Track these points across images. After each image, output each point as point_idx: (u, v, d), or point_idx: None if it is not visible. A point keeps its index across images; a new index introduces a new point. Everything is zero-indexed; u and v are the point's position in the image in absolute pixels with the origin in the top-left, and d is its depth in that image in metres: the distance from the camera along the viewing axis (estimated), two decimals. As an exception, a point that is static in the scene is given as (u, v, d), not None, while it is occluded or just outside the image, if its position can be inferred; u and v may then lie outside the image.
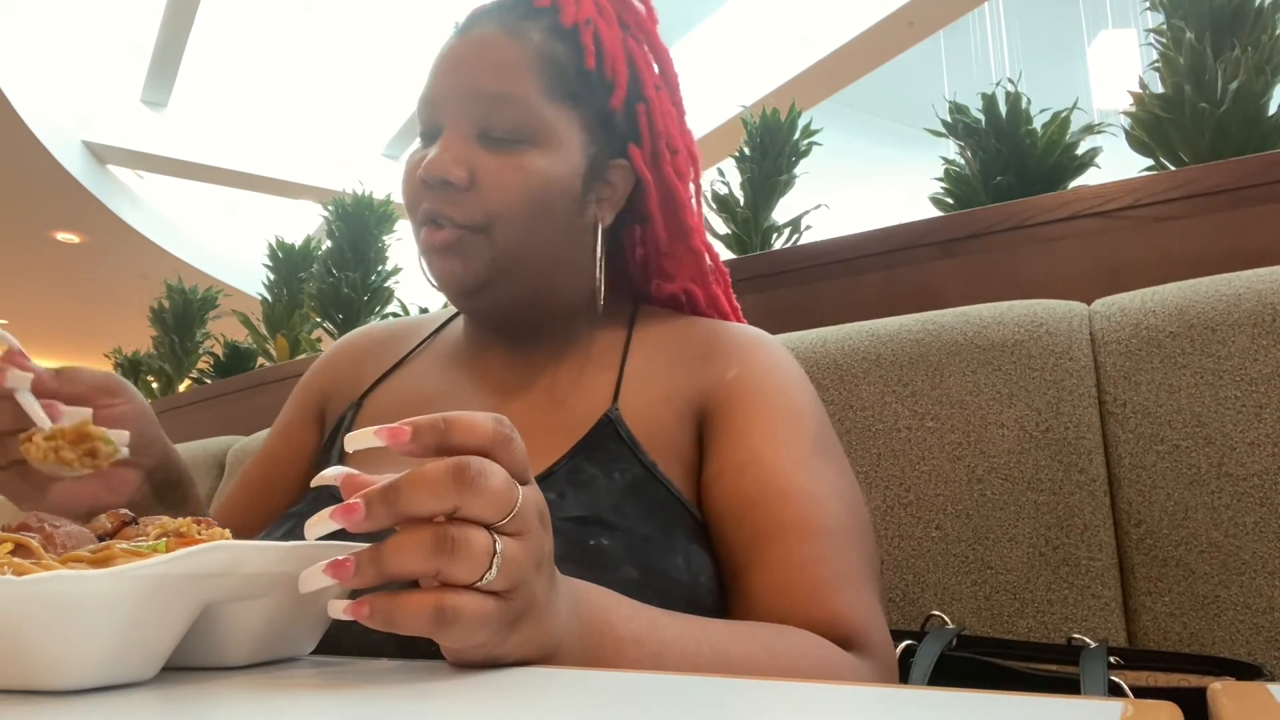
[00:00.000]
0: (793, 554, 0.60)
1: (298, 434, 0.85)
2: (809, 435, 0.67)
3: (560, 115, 0.71)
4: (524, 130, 0.69)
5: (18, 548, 0.41)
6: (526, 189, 0.69)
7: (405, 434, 0.39)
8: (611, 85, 0.74)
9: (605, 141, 0.74)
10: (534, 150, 0.70)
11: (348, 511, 0.38)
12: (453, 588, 0.38)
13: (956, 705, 0.32)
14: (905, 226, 1.23)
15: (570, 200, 0.72)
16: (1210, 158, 1.17)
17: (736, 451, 0.66)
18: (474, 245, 0.69)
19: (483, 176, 0.69)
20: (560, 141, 0.71)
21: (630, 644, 0.48)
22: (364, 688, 0.39)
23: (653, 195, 0.77)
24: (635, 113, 0.76)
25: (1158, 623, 0.80)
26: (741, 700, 0.36)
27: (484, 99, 0.69)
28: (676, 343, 0.75)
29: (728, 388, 0.70)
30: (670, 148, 0.78)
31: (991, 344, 0.90)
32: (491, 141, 0.70)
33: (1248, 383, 0.79)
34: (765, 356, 0.73)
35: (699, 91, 6.33)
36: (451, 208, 0.69)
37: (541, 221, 0.70)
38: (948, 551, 0.88)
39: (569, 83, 0.71)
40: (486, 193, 0.69)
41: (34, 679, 0.38)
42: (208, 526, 0.46)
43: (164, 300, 2.88)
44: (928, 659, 0.71)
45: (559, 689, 0.39)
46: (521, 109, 0.69)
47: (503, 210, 0.69)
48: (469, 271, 0.70)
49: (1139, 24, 4.56)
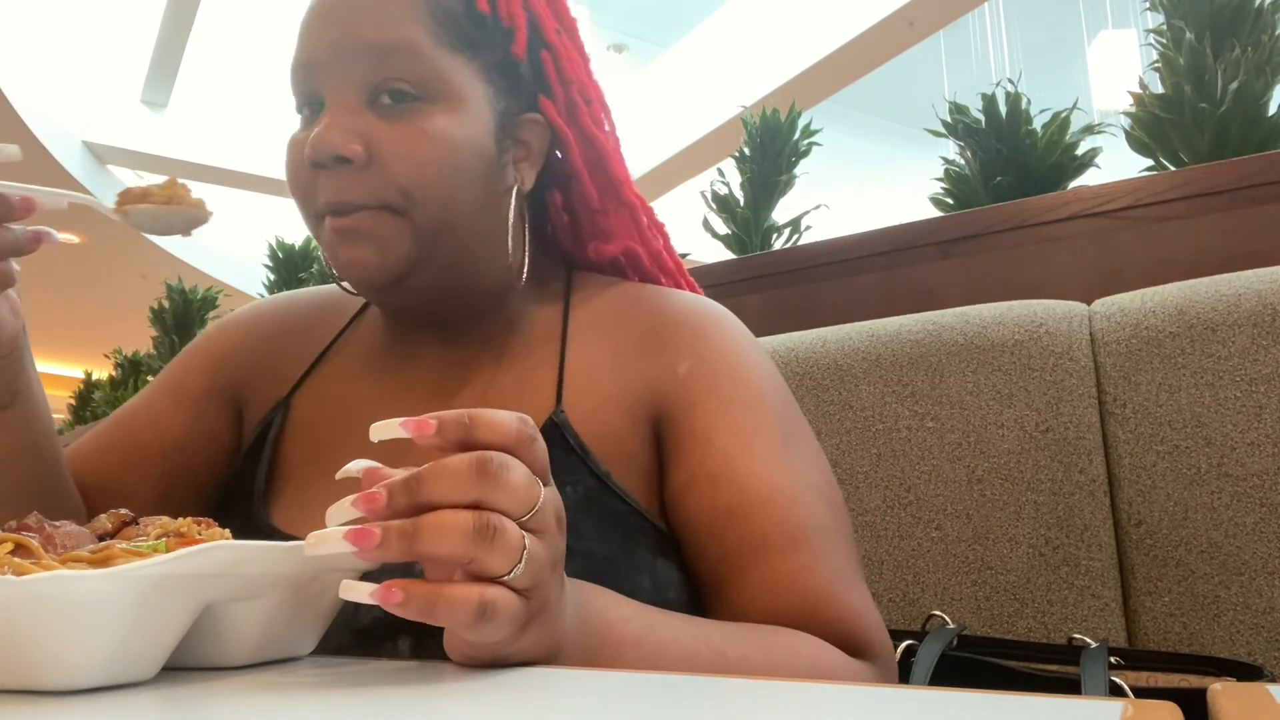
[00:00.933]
0: (781, 566, 0.57)
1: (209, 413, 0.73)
2: (776, 427, 0.63)
3: (458, 66, 0.62)
4: (420, 86, 0.61)
5: (18, 548, 0.41)
6: (436, 155, 0.61)
7: (430, 427, 0.39)
8: (510, 31, 0.65)
9: (512, 94, 0.66)
10: (435, 109, 0.61)
11: (370, 499, 0.38)
12: (491, 583, 0.38)
13: (957, 705, 0.32)
14: (905, 227, 1.23)
15: (486, 162, 0.64)
16: (1210, 158, 1.17)
17: (706, 461, 0.61)
18: (389, 227, 0.61)
19: (382, 147, 0.60)
20: (463, 96, 0.62)
21: (629, 646, 0.48)
22: (364, 688, 0.39)
23: (574, 150, 0.69)
24: (540, 61, 0.68)
25: (1158, 623, 0.80)
26: (742, 700, 0.36)
27: (368, 54, 0.60)
28: (618, 327, 0.68)
29: (682, 385, 0.64)
30: (584, 96, 0.70)
31: (991, 344, 0.90)
32: (384, 106, 0.61)
33: (1248, 383, 0.79)
34: (717, 340, 0.66)
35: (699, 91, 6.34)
36: (353, 188, 0.60)
37: (459, 190, 0.62)
38: (948, 551, 0.88)
39: (463, 29, 0.63)
40: (390, 165, 0.60)
41: (34, 679, 0.38)
42: (208, 526, 0.46)
43: (164, 300, 2.88)
44: (928, 659, 0.71)
45: (561, 689, 0.39)
46: (413, 61, 0.60)
47: (414, 182, 0.60)
48: (388, 259, 0.61)
49: (1139, 24, 4.56)
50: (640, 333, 0.67)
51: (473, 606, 0.37)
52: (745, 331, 0.69)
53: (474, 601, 0.37)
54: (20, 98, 5.99)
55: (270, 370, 0.74)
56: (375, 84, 0.61)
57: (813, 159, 1.66)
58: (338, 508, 0.39)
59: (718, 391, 0.63)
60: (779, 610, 0.57)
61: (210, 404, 0.74)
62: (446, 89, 0.62)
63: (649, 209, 0.75)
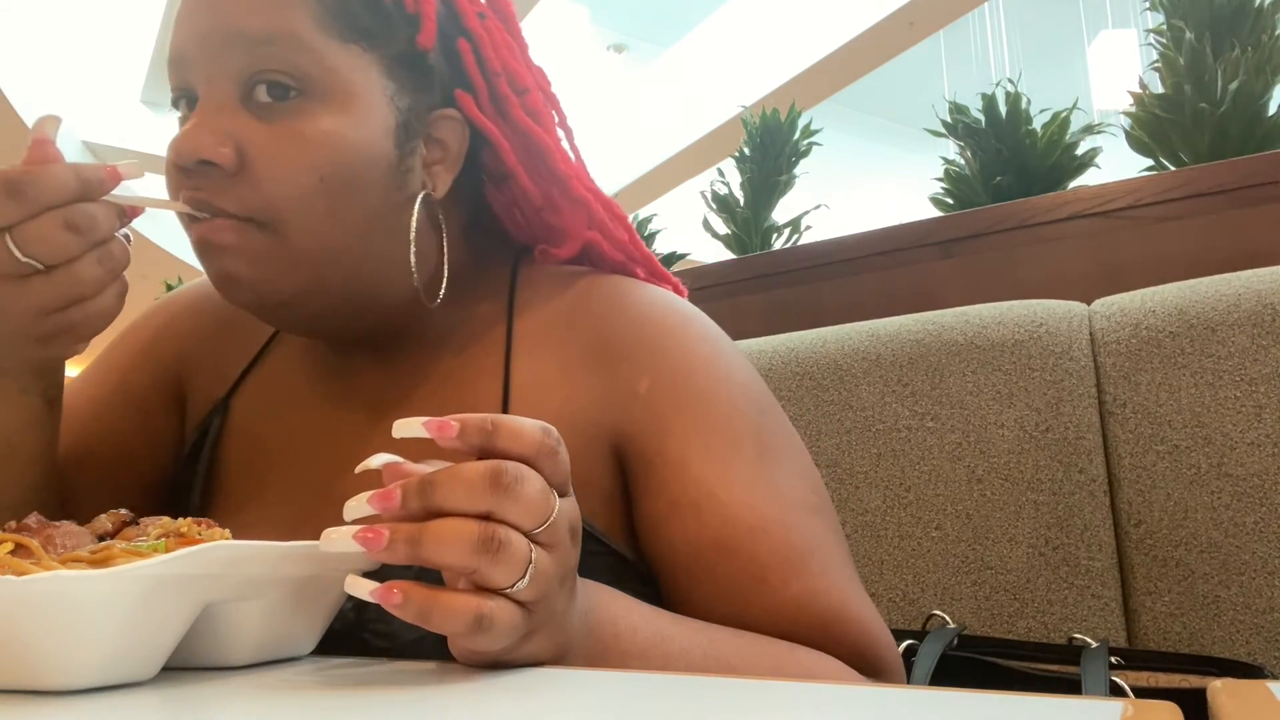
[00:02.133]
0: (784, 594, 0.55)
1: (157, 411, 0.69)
2: (752, 442, 0.58)
3: (349, 57, 0.55)
4: (301, 80, 0.54)
5: (18, 548, 0.41)
6: (315, 162, 0.54)
7: (452, 430, 0.38)
8: (415, 19, 0.58)
9: (420, 89, 0.59)
10: (318, 107, 0.54)
11: (385, 498, 0.38)
12: (490, 593, 0.38)
13: (957, 705, 0.32)
14: (905, 227, 1.23)
15: (383, 169, 0.56)
16: (1210, 158, 1.17)
17: (685, 489, 0.56)
18: (258, 245, 0.54)
19: (254, 153, 0.54)
20: (353, 92, 0.55)
21: (635, 657, 0.48)
22: (364, 688, 0.39)
23: (504, 146, 0.62)
24: (457, 52, 0.60)
25: (1158, 623, 0.80)
26: (743, 700, 0.36)
27: (242, 44, 0.54)
28: (567, 333, 0.61)
29: (644, 406, 0.58)
30: (515, 87, 0.62)
31: (991, 344, 0.90)
32: (261, 104, 0.54)
33: (1247, 383, 0.79)
34: (677, 351, 0.60)
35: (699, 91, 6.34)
36: (219, 195, 0.54)
37: (345, 203, 0.55)
38: (948, 551, 0.88)
39: (356, 17, 0.56)
40: (262, 173, 0.53)
41: (34, 679, 0.38)
42: (208, 526, 0.46)
43: (164, 300, 2.88)
44: (929, 659, 0.71)
45: (563, 690, 0.39)
46: (293, 51, 0.54)
47: (287, 195, 0.54)
48: (260, 280, 0.55)
49: (1139, 24, 4.57)
50: (591, 341, 0.61)
51: (468, 618, 0.37)
52: (709, 332, 0.63)
53: (470, 613, 0.37)
54: (20, 98, 5.99)
55: (211, 366, 0.70)
56: (249, 77, 0.54)
57: (813, 159, 1.66)
58: (355, 502, 0.38)
59: (685, 411, 0.58)
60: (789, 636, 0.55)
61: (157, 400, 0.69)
62: (333, 83, 0.55)
63: (609, 202, 0.67)
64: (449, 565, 0.37)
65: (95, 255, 0.51)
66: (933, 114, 1.50)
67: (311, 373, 0.67)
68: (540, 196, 0.64)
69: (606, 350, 0.60)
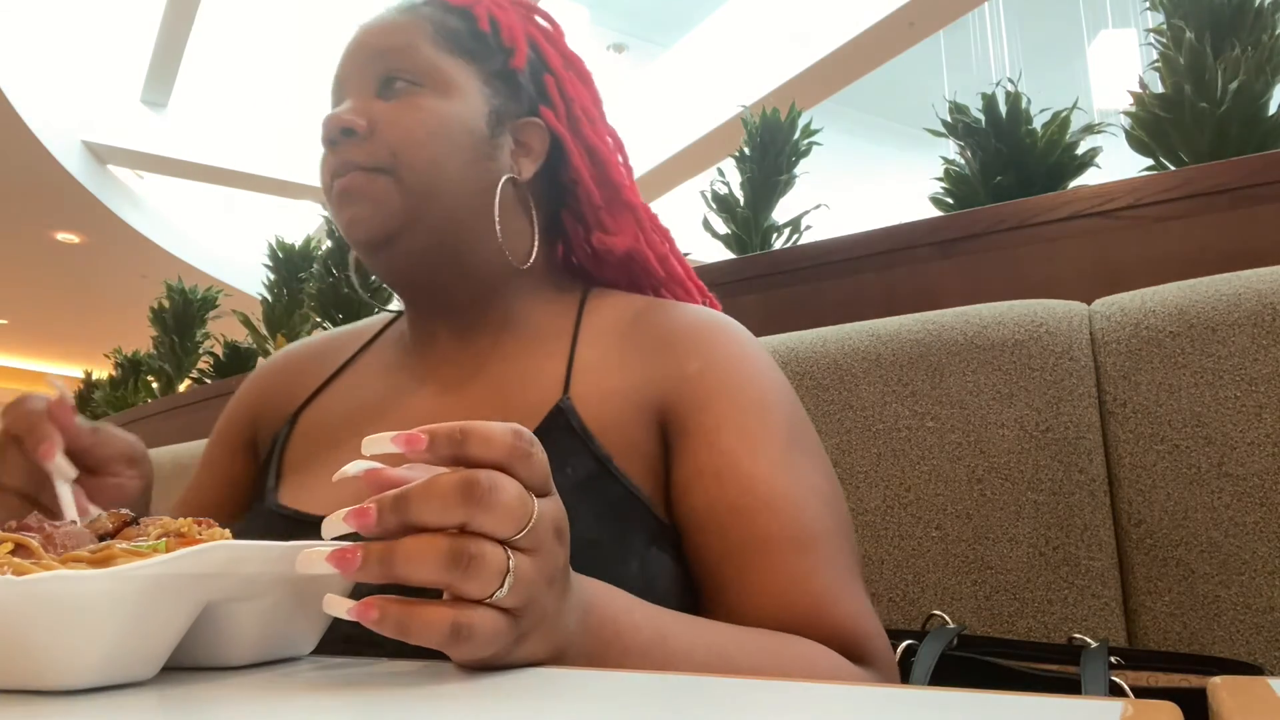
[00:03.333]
0: (784, 569, 0.58)
1: (225, 465, 0.83)
2: (783, 431, 0.64)
3: (455, 66, 0.72)
4: (418, 76, 0.71)
5: (18, 548, 0.41)
6: (424, 125, 0.69)
7: (421, 442, 0.39)
8: (510, 49, 0.75)
9: (510, 96, 0.75)
10: (429, 93, 0.71)
11: (360, 515, 0.38)
12: (467, 603, 0.38)
13: (957, 705, 0.32)
14: (905, 226, 1.23)
15: (475, 138, 0.71)
16: (1210, 158, 1.17)
17: (711, 456, 0.62)
18: (380, 188, 0.69)
19: (381, 122, 0.70)
20: (457, 87, 0.72)
21: (635, 655, 0.48)
22: (364, 688, 0.39)
23: (575, 151, 0.76)
24: (543, 82, 0.77)
25: (1158, 622, 0.80)
26: (742, 700, 0.36)
27: (378, 55, 0.72)
28: (629, 328, 0.71)
29: (691, 383, 0.66)
30: (587, 115, 0.78)
31: (991, 344, 0.90)
32: (389, 92, 0.71)
33: (1248, 382, 0.79)
34: (727, 345, 0.69)
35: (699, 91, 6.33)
36: (355, 152, 0.69)
37: (446, 156, 0.70)
38: (948, 551, 0.88)
39: (463, 42, 0.73)
40: (386, 133, 0.69)
41: (34, 679, 0.38)
42: (208, 526, 0.46)
43: (164, 300, 2.88)
44: (928, 659, 0.71)
45: (563, 690, 0.39)
46: (413, 58, 0.71)
47: (404, 146, 0.69)
48: (379, 214, 0.69)
49: (1139, 24, 4.56)
50: (651, 337, 0.70)
51: (444, 629, 0.37)
52: (756, 343, 0.72)
53: (446, 624, 0.37)
54: (20, 98, 5.99)
55: (280, 401, 0.81)
56: (381, 76, 0.71)
57: (813, 159, 1.66)
58: (331, 521, 0.39)
59: (726, 393, 0.65)
60: (781, 611, 0.58)
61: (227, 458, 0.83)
62: (441, 79, 0.71)
63: (652, 214, 0.80)
64: (422, 582, 0.38)
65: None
66: (933, 114, 1.49)
67: (385, 375, 0.78)
68: (600, 196, 0.77)
69: (663, 341, 0.69)
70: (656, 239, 0.79)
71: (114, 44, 7.15)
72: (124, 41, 7.08)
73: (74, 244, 7.73)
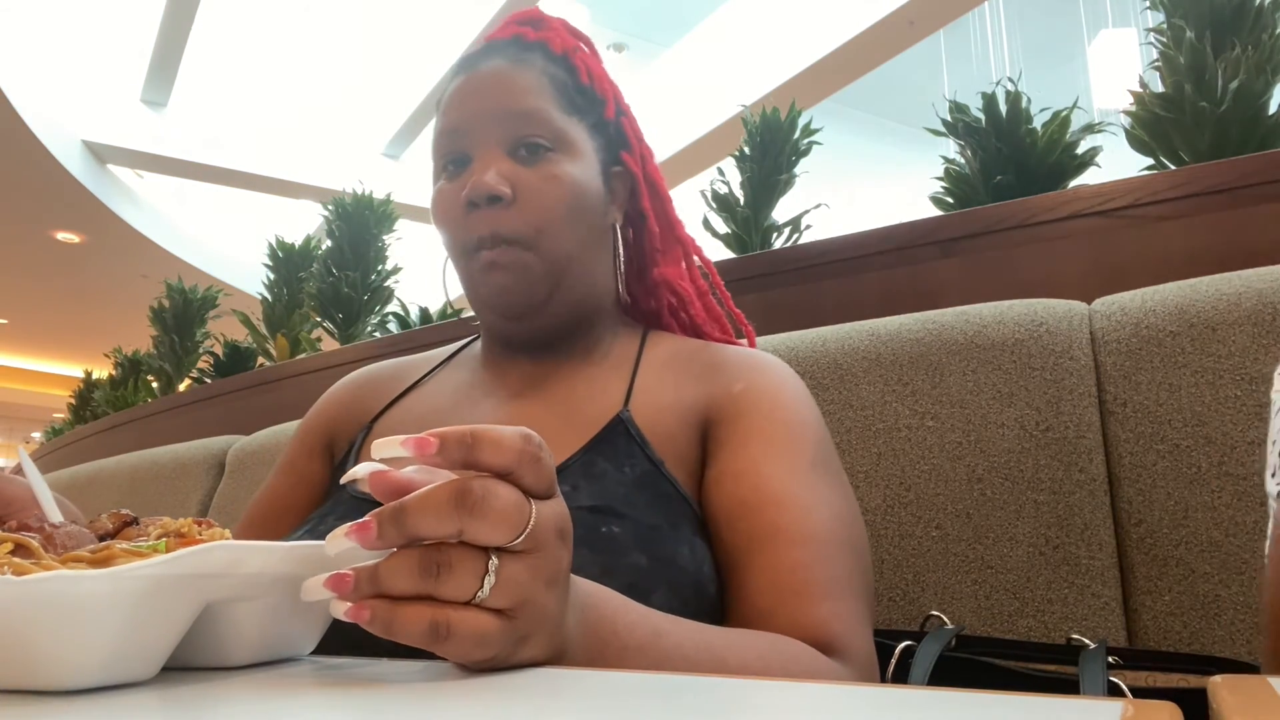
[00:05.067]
0: (782, 558, 0.63)
1: (303, 466, 0.87)
2: (807, 450, 0.70)
3: (573, 124, 0.77)
4: (551, 139, 0.75)
5: (18, 548, 0.41)
6: (563, 195, 0.74)
7: (432, 446, 0.39)
8: (603, 100, 0.81)
9: (607, 147, 0.81)
10: (562, 158, 0.75)
11: (361, 530, 0.40)
12: (448, 604, 0.39)
13: (956, 705, 0.32)
14: (905, 226, 1.23)
15: (597, 201, 0.78)
16: (1210, 157, 1.17)
17: (736, 459, 0.69)
18: (524, 261, 0.73)
19: (523, 189, 0.73)
20: (580, 149, 0.77)
21: (633, 652, 0.49)
22: (364, 688, 0.39)
23: (645, 194, 0.83)
24: (621, 124, 0.84)
25: (1158, 622, 0.80)
26: (746, 700, 0.36)
27: (511, 118, 0.74)
28: (685, 360, 0.79)
29: (733, 401, 0.73)
30: (645, 149, 0.85)
31: (991, 343, 0.90)
32: (523, 157, 0.75)
33: (1248, 382, 0.79)
34: (770, 375, 0.76)
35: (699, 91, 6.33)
36: (502, 224, 0.73)
37: (577, 227, 0.75)
38: (948, 551, 0.88)
39: (573, 98, 0.78)
40: (528, 203, 0.73)
41: (34, 679, 0.38)
42: (208, 526, 0.46)
43: (164, 300, 2.88)
44: (927, 659, 0.71)
45: (563, 690, 0.39)
46: (545, 121, 0.75)
47: (547, 220, 0.73)
48: (523, 287, 0.74)
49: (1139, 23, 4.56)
50: (704, 366, 0.77)
51: (423, 627, 0.39)
52: (798, 380, 0.78)
53: (424, 622, 0.39)
54: (20, 98, 5.99)
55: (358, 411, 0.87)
56: (515, 140, 0.75)
57: (813, 158, 1.65)
58: (334, 536, 0.40)
59: (761, 410, 0.72)
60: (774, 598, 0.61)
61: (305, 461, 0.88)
62: (568, 141, 0.76)
63: (698, 248, 0.87)
64: (402, 592, 0.39)
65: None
66: (933, 113, 1.49)
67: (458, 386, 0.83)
68: (659, 236, 0.85)
69: (714, 369, 0.76)
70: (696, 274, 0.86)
71: (114, 44, 7.14)
72: (124, 41, 7.08)
73: (74, 244, 7.73)
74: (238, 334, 2.64)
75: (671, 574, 0.62)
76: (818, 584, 0.62)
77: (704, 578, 0.64)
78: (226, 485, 1.59)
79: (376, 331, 2.32)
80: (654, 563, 0.62)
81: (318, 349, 2.36)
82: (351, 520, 0.41)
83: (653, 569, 0.61)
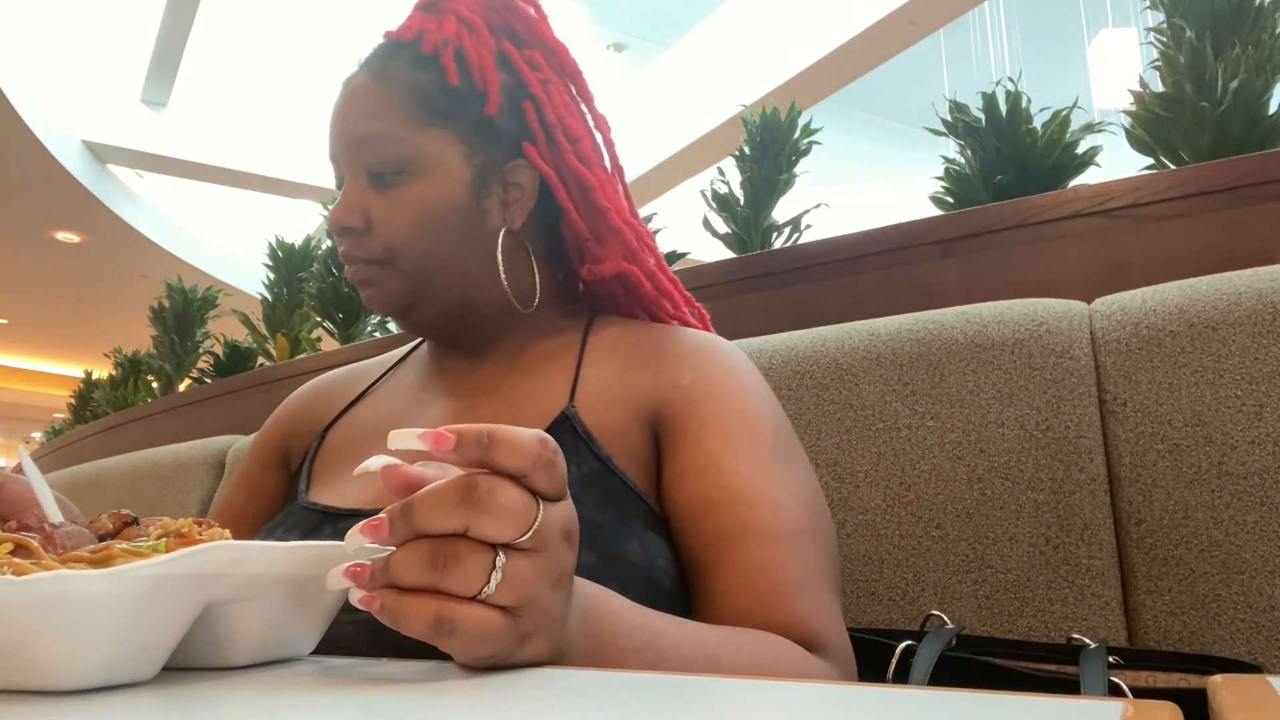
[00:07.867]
0: (753, 557, 0.63)
1: (258, 479, 0.89)
2: (766, 439, 0.69)
3: (431, 138, 0.75)
4: (399, 163, 0.75)
5: (18, 548, 0.41)
6: (412, 218, 0.75)
7: (449, 441, 0.39)
8: (484, 94, 0.77)
9: (491, 147, 0.77)
10: (414, 179, 0.75)
11: (375, 528, 0.40)
12: (453, 598, 0.39)
13: (956, 705, 0.32)
14: (905, 226, 1.23)
15: (462, 214, 0.76)
16: (1210, 156, 1.17)
17: (695, 456, 0.68)
18: (384, 276, 0.76)
19: (375, 218, 0.76)
20: (437, 163, 0.75)
21: (631, 654, 0.50)
22: (364, 688, 0.39)
23: (559, 187, 0.79)
24: (522, 111, 0.78)
25: (1158, 622, 0.80)
26: (744, 700, 0.36)
27: (360, 146, 0.76)
28: (631, 348, 0.77)
29: (683, 393, 0.72)
30: (569, 136, 0.79)
31: (991, 343, 0.90)
32: (379, 182, 0.76)
33: (1248, 381, 0.79)
34: (720, 362, 0.74)
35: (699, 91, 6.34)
36: (357, 249, 0.76)
37: (437, 242, 0.75)
38: (948, 551, 0.88)
39: (435, 104, 0.76)
40: (381, 230, 0.75)
41: (34, 679, 0.38)
42: (208, 527, 0.46)
43: (164, 300, 2.88)
44: (928, 659, 0.71)
45: (562, 690, 0.39)
46: (391, 144, 0.75)
47: (398, 243, 0.75)
48: (387, 297, 0.77)
49: (1139, 23, 4.56)
50: (650, 354, 0.76)
51: (427, 620, 0.39)
52: (748, 362, 0.77)
53: (428, 615, 0.39)
54: (20, 98, 5.99)
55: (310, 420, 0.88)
56: (367, 166, 0.76)
57: (813, 158, 1.65)
58: (352, 535, 0.41)
59: (715, 401, 0.71)
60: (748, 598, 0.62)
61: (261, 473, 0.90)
62: (421, 161, 0.75)
63: (639, 230, 0.82)
64: (410, 584, 0.40)
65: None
66: (933, 113, 1.49)
67: (408, 391, 0.84)
68: (587, 228, 0.80)
69: (661, 358, 0.75)
70: (644, 256, 0.82)
71: (114, 43, 7.14)
72: (124, 41, 7.08)
73: (74, 244, 7.73)
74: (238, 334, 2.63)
75: (620, 569, 0.63)
76: (792, 581, 0.62)
77: (657, 572, 0.65)
78: (226, 485, 1.59)
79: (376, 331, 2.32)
80: (602, 560, 0.62)
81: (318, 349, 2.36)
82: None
83: (601, 566, 0.62)
